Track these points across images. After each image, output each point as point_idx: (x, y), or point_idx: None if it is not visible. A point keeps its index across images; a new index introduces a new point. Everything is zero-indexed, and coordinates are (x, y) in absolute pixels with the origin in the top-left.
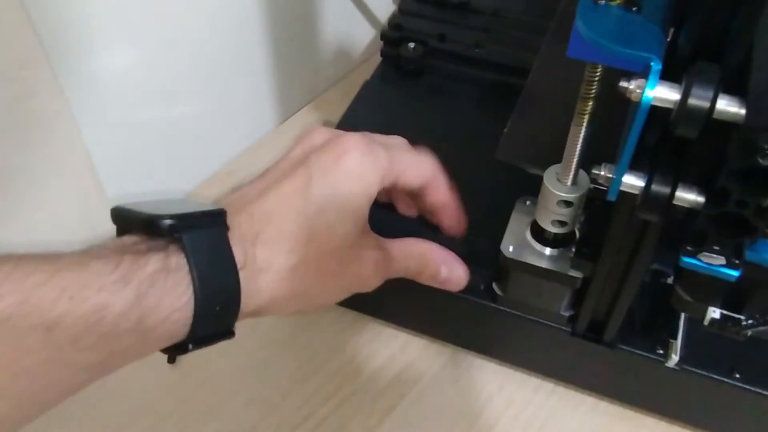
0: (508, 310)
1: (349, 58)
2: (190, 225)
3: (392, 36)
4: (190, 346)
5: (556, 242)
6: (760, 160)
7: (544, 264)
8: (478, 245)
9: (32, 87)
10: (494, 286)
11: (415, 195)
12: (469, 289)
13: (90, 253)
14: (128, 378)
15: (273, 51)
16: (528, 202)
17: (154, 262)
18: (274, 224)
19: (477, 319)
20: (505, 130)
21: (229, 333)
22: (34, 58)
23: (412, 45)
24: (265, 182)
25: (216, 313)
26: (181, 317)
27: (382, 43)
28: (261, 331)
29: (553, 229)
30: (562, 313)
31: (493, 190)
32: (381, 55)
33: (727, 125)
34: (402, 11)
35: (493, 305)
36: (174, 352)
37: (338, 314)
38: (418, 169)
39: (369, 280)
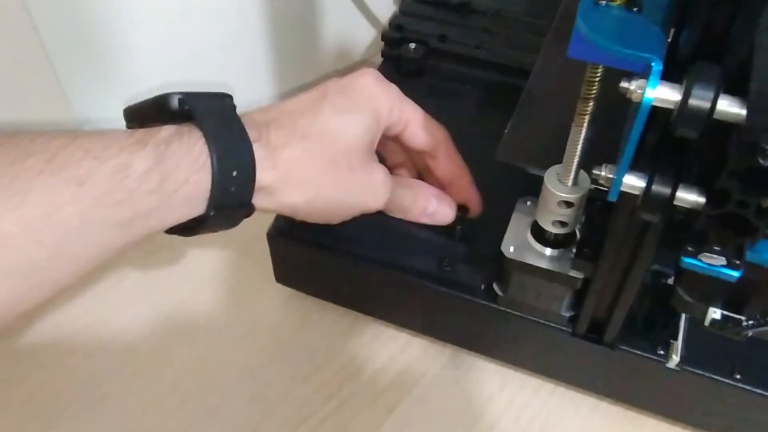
0: (508, 310)
1: (350, 59)
2: (198, 98)
3: (393, 36)
4: (212, 214)
5: (557, 243)
6: (761, 161)
7: (544, 264)
8: (478, 245)
9: (32, 87)
10: (495, 286)
11: (425, 166)
12: (469, 289)
13: (103, 129)
14: (129, 378)
15: (273, 51)
16: (528, 203)
17: (166, 129)
18: (289, 116)
19: (477, 319)
20: (506, 130)
21: (247, 205)
22: (34, 58)
23: (412, 45)
24: (282, 101)
25: (233, 179)
26: (199, 180)
27: (382, 43)
28: (261, 332)
29: (554, 230)
30: (563, 313)
31: (493, 190)
32: (382, 56)
33: (728, 126)
34: (403, 12)
35: (493, 306)
36: (194, 227)
37: (339, 315)
38: (427, 126)
39: (377, 193)
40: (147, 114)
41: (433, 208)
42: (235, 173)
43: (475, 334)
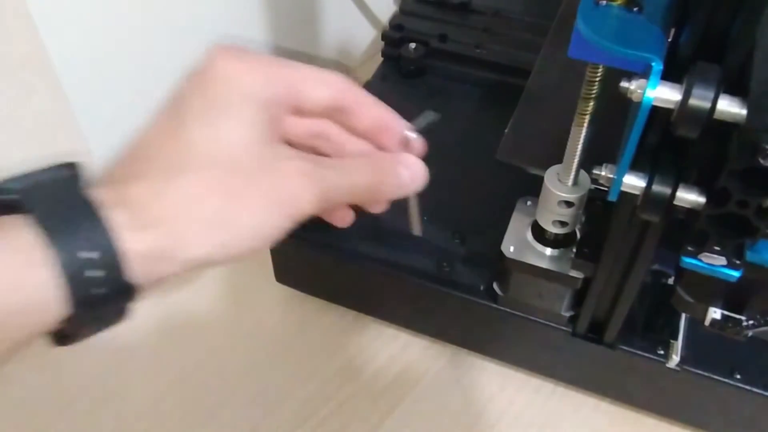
0: (508, 310)
1: (350, 58)
2: (30, 181)
3: (393, 36)
4: (78, 311)
5: (557, 242)
6: (761, 161)
7: (544, 264)
8: (478, 245)
9: (32, 86)
10: (495, 286)
11: (346, 131)
12: (469, 289)
13: None
14: (129, 379)
15: (274, 51)
16: (529, 203)
17: None
18: (150, 156)
19: (477, 319)
20: (506, 130)
21: (128, 291)
22: (35, 57)
23: (413, 45)
24: (142, 132)
25: (94, 263)
26: (38, 277)
27: (383, 43)
28: (261, 332)
29: (554, 230)
30: (563, 313)
31: (493, 190)
32: (382, 56)
33: (728, 126)
34: (403, 11)
35: (493, 305)
36: (65, 335)
37: (339, 315)
38: (319, 75)
39: (298, 195)
40: None
41: (405, 177)
42: (91, 257)
43: (475, 334)
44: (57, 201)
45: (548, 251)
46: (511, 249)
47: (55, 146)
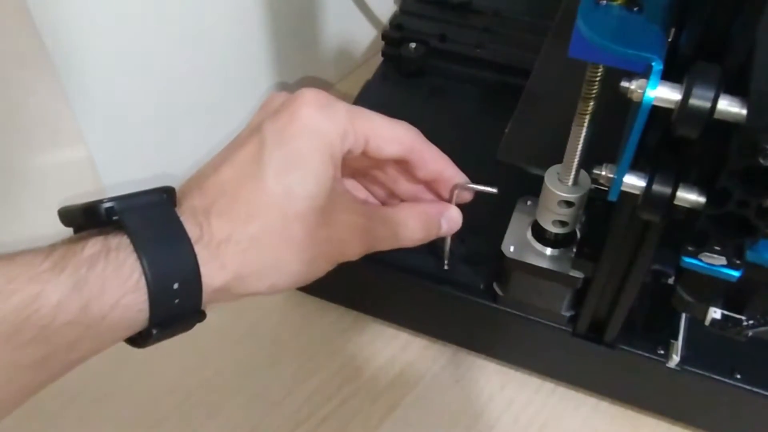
0: (508, 310)
1: (351, 58)
2: (131, 204)
3: (393, 36)
4: (154, 332)
5: (557, 242)
6: (761, 161)
7: (545, 264)
8: (478, 245)
9: (32, 86)
10: (495, 286)
11: (404, 172)
12: (469, 289)
13: (19, 251)
14: (129, 378)
15: (274, 51)
16: (529, 203)
17: (91, 246)
18: (228, 194)
19: (477, 319)
20: (506, 130)
21: (198, 313)
22: (35, 57)
23: (413, 45)
24: (221, 156)
25: (175, 292)
26: (134, 301)
27: (383, 43)
28: (261, 332)
29: (554, 229)
30: (563, 313)
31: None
32: (382, 55)
33: (728, 125)
34: (403, 11)
35: (493, 305)
36: (140, 341)
37: (339, 314)
38: (392, 132)
39: (348, 248)
40: (79, 221)
41: (444, 229)
42: (176, 285)
43: (475, 334)
44: (153, 229)
45: (548, 251)
46: (511, 249)
47: (55, 147)
